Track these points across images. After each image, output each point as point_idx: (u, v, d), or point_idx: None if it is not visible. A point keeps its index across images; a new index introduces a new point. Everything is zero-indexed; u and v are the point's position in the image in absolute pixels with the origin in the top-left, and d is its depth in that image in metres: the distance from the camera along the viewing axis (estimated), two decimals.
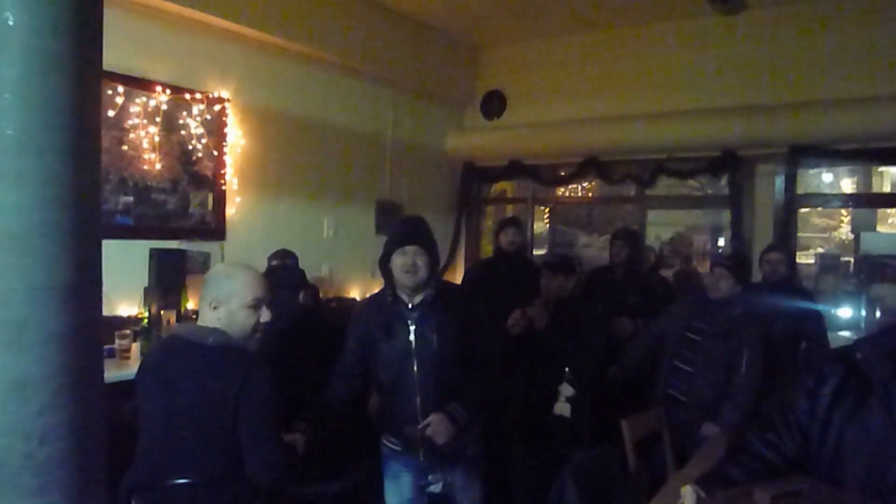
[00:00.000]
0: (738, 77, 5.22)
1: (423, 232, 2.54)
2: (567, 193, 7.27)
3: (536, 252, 7.03)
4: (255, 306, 2.08)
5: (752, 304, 3.66)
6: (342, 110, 5.30)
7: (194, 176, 4.25)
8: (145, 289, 3.91)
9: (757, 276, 4.37)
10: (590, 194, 7.92)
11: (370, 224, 5.59)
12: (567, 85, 6.05)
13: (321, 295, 4.67)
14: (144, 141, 3.95)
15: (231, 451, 1.97)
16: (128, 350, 3.00)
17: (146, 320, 3.31)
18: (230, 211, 4.45)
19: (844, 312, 7.36)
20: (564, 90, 6.06)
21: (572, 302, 3.81)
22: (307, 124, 5.01)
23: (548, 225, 7.72)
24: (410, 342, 2.50)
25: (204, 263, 4.32)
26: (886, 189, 11.28)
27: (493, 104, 6.45)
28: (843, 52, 4.86)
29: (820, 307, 4.40)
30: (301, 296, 2.79)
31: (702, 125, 5.20)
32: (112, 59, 3.83)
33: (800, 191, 5.19)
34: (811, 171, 5.80)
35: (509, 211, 7.22)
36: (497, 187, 7.14)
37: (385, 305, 2.54)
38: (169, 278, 3.90)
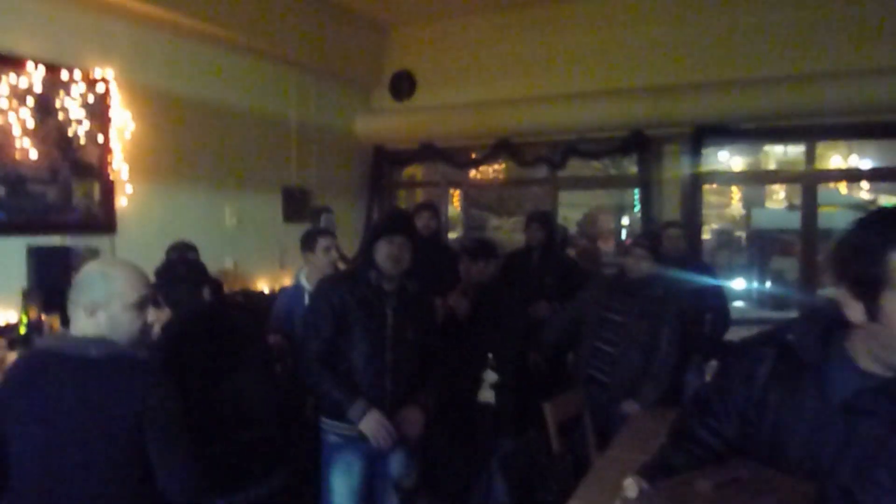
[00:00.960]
0: (645, 57, 5.28)
1: (411, 224, 2.77)
2: (479, 176, 7.20)
3: (451, 236, 6.95)
4: (141, 306, 1.82)
5: (670, 283, 3.70)
6: (242, 91, 4.98)
7: (77, 164, 3.85)
8: (24, 291, 3.52)
9: None
10: (500, 176, 7.89)
11: (277, 212, 5.31)
12: (478, 65, 5.96)
13: (226, 289, 4.39)
14: (15, 125, 3.52)
15: (133, 474, 1.74)
16: (1, 361, 2.65)
17: (23, 327, 2.95)
18: (120, 202, 4.07)
19: (738, 284, 7.70)
20: (476, 71, 5.96)
21: (492, 287, 3.73)
22: (204, 107, 4.66)
23: (460, 209, 7.65)
24: (387, 327, 2.60)
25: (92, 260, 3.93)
26: (772, 167, 12.02)
27: (403, 85, 6.27)
28: (747, 34, 5.01)
29: (720, 281, 4.58)
30: (205, 291, 2.55)
31: (611, 106, 5.25)
32: None
33: (703, 169, 5.33)
34: (709, 151, 6.00)
35: (420, 195, 7.09)
36: (407, 172, 6.98)
37: (362, 286, 2.61)
38: (51, 278, 3.52)
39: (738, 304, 7.35)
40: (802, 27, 4.85)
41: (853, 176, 6.74)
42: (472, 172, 6.89)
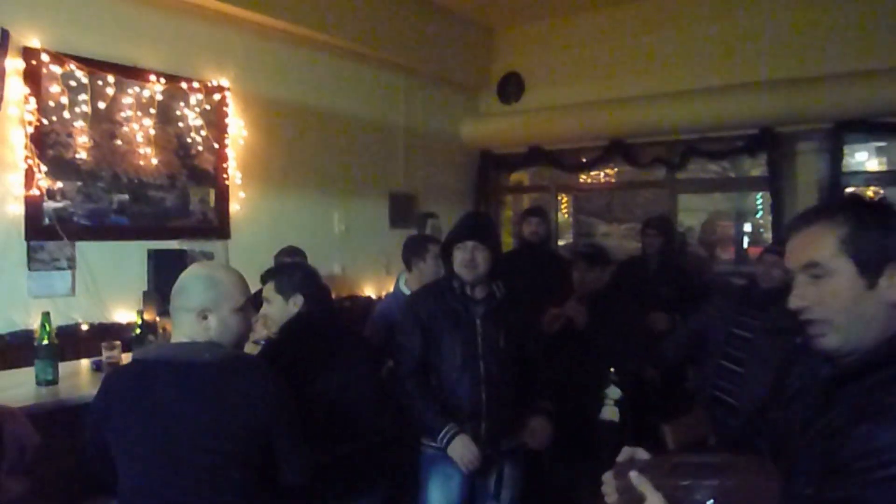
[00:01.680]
0: (774, 48, 4.83)
1: (484, 227, 2.64)
2: (589, 180, 6.91)
3: (560, 243, 6.70)
4: (246, 309, 1.84)
5: None
6: (350, 98, 5.00)
7: (194, 171, 3.97)
8: (144, 293, 3.65)
9: None
10: (612, 180, 7.55)
11: (384, 218, 5.29)
12: (588, 64, 5.70)
13: (334, 294, 4.39)
14: (139, 134, 3.67)
15: (250, 476, 1.73)
16: (117, 363, 2.73)
17: (138, 329, 3.04)
18: (234, 207, 4.17)
19: None
20: (585, 70, 5.71)
21: (608, 296, 3.48)
22: (313, 113, 4.72)
23: (567, 215, 7.38)
24: (477, 336, 2.53)
25: None
26: None
27: (510, 88, 6.12)
28: (889, 18, 4.46)
29: None
30: (295, 299, 2.52)
31: (737, 101, 4.83)
32: (101, 47, 3.58)
33: (844, 169, 4.80)
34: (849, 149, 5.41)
35: (528, 201, 6.89)
36: (514, 177, 6.80)
37: (447, 296, 2.56)
38: (169, 281, 3.62)
39: None
40: None
41: None
42: (583, 176, 6.61)
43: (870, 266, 1.09)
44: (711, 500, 1.13)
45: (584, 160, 5.86)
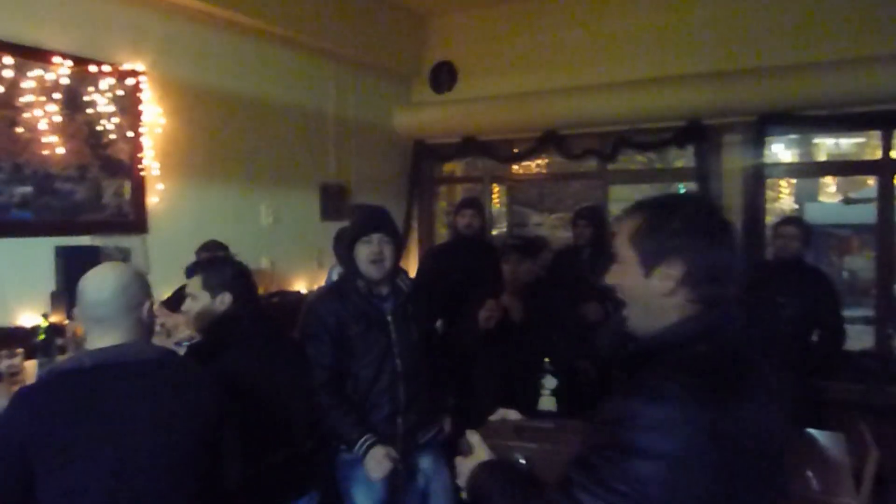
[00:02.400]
0: (704, 41, 4.92)
1: (387, 220, 2.54)
2: (521, 171, 6.91)
3: (493, 233, 6.67)
4: (152, 307, 1.76)
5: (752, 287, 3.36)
6: (278, 85, 4.79)
7: (107, 161, 3.70)
8: (52, 294, 3.38)
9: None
10: (543, 171, 7.58)
11: (314, 209, 5.11)
12: (521, 55, 5.67)
13: (261, 289, 4.21)
14: (42, 121, 3.38)
15: (201, 486, 1.69)
16: (18, 373, 2.48)
17: (43, 333, 2.79)
18: (151, 200, 3.92)
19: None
20: (519, 60, 5.68)
21: (541, 287, 3.45)
22: (238, 101, 4.49)
23: (500, 205, 7.37)
24: (390, 333, 2.48)
25: (124, 261, 3.78)
26: (823, 158, 11.37)
27: (443, 77, 6.03)
28: (815, 13, 4.62)
29: (835, 290, 3.80)
30: (223, 297, 2.36)
31: (667, 93, 4.90)
32: None
33: (766, 160, 4.95)
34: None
35: (460, 192, 6.82)
36: (448, 167, 6.73)
37: (354, 296, 2.46)
38: (78, 280, 3.37)
39: None
40: (877, 4, 4.44)
41: None
42: (516, 167, 6.59)
43: (648, 259, 1.20)
44: (523, 459, 1.46)
45: (518, 151, 5.84)
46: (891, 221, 4.66)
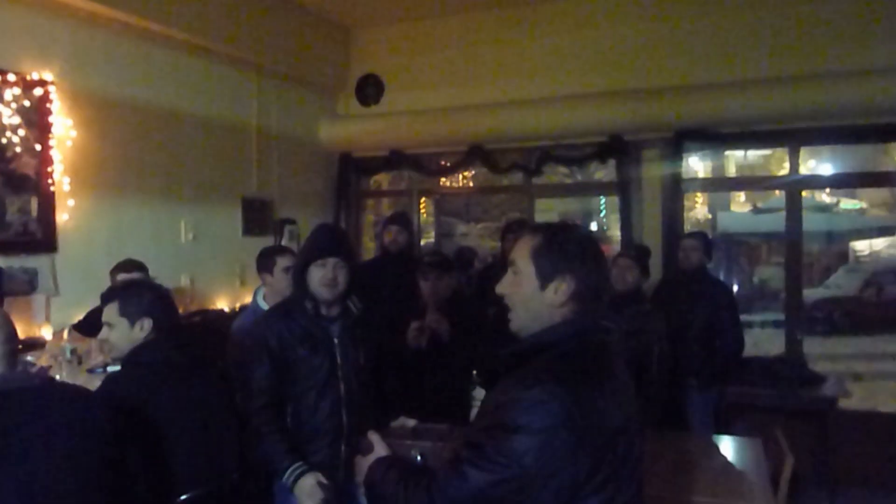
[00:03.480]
0: (624, 60, 5.10)
1: (343, 242, 2.52)
2: (450, 184, 6.94)
3: (424, 241, 6.68)
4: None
5: (654, 298, 3.50)
6: (197, 96, 4.62)
7: (10, 176, 3.47)
8: None
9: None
10: (470, 183, 7.65)
11: (236, 225, 4.96)
12: (449, 69, 5.70)
13: (182, 308, 4.03)
14: None
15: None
16: None
17: None
18: (61, 217, 3.69)
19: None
20: (446, 74, 5.70)
21: (466, 300, 3.46)
22: (155, 113, 4.30)
23: (427, 215, 7.38)
24: (336, 356, 2.41)
25: (30, 283, 3.56)
26: (732, 172, 11.96)
27: (370, 90, 5.98)
28: (729, 34, 4.85)
29: (733, 298, 4.18)
30: (143, 323, 2.24)
31: (589, 110, 5.04)
32: None
33: (683, 175, 5.15)
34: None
35: (388, 206, 6.80)
36: (375, 181, 6.68)
37: (301, 317, 2.40)
38: None
39: None
40: (785, 28, 4.72)
41: (840, 181, 6.63)
42: (443, 180, 6.62)
43: (544, 273, 1.39)
44: (420, 456, 1.61)
45: (445, 164, 5.86)
46: (798, 232, 4.94)
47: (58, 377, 2.78)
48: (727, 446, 3.28)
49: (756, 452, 3.02)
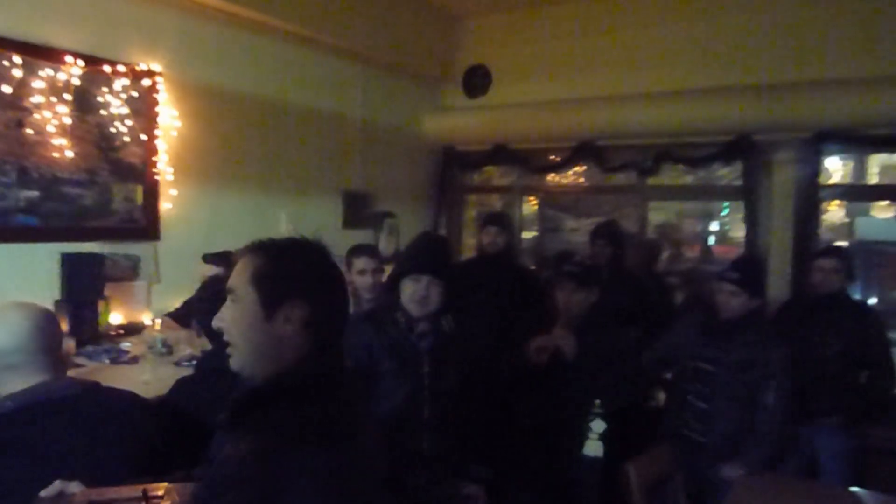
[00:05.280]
0: (755, 51, 4.58)
1: (440, 258, 2.33)
2: (558, 181, 6.62)
3: (525, 235, 6.40)
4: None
5: (776, 323, 3.06)
6: (300, 87, 4.60)
7: (118, 165, 3.56)
8: (55, 302, 3.24)
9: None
10: (581, 180, 7.27)
11: (336, 218, 4.93)
12: (559, 60, 5.39)
13: None
14: (51, 123, 3.24)
15: None
16: None
17: None
18: (164, 206, 3.76)
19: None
20: (556, 66, 5.40)
21: (595, 319, 3.11)
22: (258, 103, 4.31)
23: (537, 210, 7.08)
24: (424, 377, 2.22)
25: (134, 269, 3.65)
26: (874, 175, 10.68)
27: (476, 81, 5.78)
28: (875, 25, 4.24)
29: (882, 325, 3.49)
30: None
31: (713, 106, 4.57)
32: (5, 22, 3.08)
33: (823, 181, 4.58)
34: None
35: (494, 201, 6.57)
36: (479, 175, 6.48)
37: (390, 326, 2.26)
38: (83, 289, 3.24)
39: None
40: None
41: None
42: (550, 177, 6.31)
43: (270, 300, 1.16)
44: None
45: (552, 160, 5.57)
46: None
47: (147, 367, 2.80)
48: (866, 502, 2.84)
49: None
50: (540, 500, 3.08)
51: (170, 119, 3.74)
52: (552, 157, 5.58)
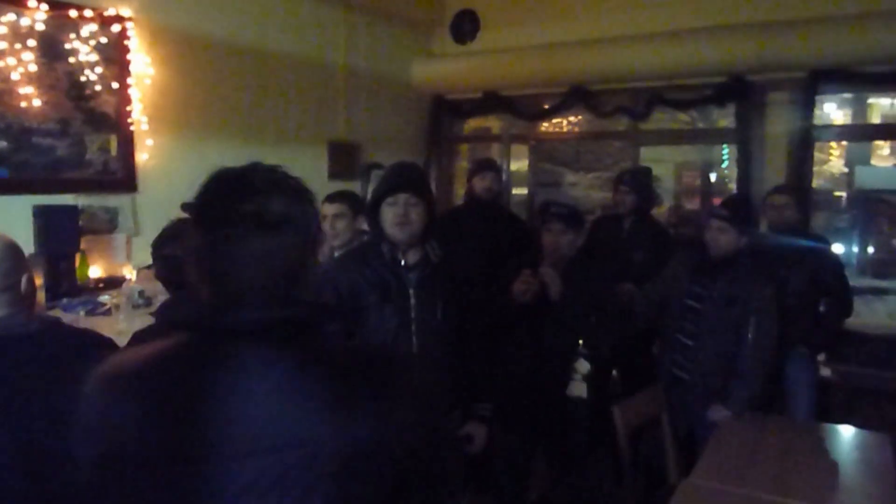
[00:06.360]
0: None
1: (416, 177, 2.25)
2: (550, 129, 6.49)
3: (516, 191, 6.31)
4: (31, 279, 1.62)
5: (761, 260, 3.02)
6: (283, 34, 4.46)
7: (91, 115, 3.46)
8: (30, 256, 3.18)
9: None
10: (576, 129, 7.12)
11: (322, 169, 4.83)
12: (550, 3, 5.22)
13: None
14: (16, 71, 3.13)
15: None
16: None
17: None
18: (141, 157, 3.68)
19: (836, 249, 6.83)
20: (548, 9, 5.24)
21: (580, 262, 3.08)
22: (238, 50, 4.18)
23: (528, 163, 6.97)
24: (410, 309, 2.15)
25: (111, 221, 3.59)
26: (876, 121, 10.49)
27: (465, 26, 5.62)
28: None
29: (835, 253, 3.74)
30: None
31: (706, 46, 4.43)
32: None
33: (818, 122, 4.47)
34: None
35: (490, 150, 6.45)
36: (471, 124, 6.34)
37: (373, 263, 2.17)
38: (57, 242, 3.18)
39: None
40: None
41: None
42: (543, 125, 6.18)
43: None
44: None
45: (544, 107, 5.44)
46: None
47: (121, 318, 2.76)
48: (842, 439, 2.84)
49: (882, 452, 2.57)
50: (527, 441, 3.08)
51: (143, 66, 3.62)
52: (544, 103, 5.45)
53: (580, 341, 3.12)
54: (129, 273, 3.54)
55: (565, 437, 3.06)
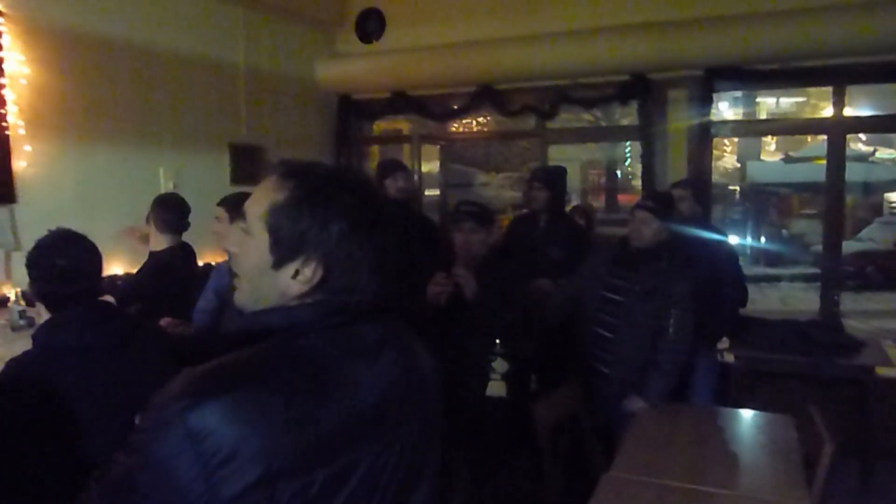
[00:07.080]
0: None
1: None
2: (460, 129, 6.49)
3: (428, 193, 6.28)
4: None
5: (681, 253, 3.09)
6: (176, 31, 4.21)
7: None
8: None
9: None
10: (485, 129, 7.16)
11: (224, 173, 4.60)
12: (456, 2, 5.20)
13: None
14: None
15: None
16: None
17: None
18: (19, 164, 3.36)
19: (732, 240, 7.23)
20: (453, 8, 5.22)
21: (493, 260, 3.04)
22: (124, 49, 3.89)
23: (439, 164, 6.95)
24: None
25: None
26: (763, 117, 11.16)
27: (371, 25, 5.51)
28: None
29: (730, 244, 4.01)
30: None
31: (609, 46, 4.53)
32: None
33: (713, 117, 4.67)
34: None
35: (400, 152, 6.38)
36: (381, 125, 6.25)
37: None
38: None
39: None
40: None
41: (888, 125, 6.02)
42: (453, 125, 6.17)
43: (282, 249, 0.95)
44: None
45: (452, 107, 5.42)
46: (841, 180, 4.47)
47: None
48: (749, 423, 2.94)
49: (786, 433, 2.68)
50: (444, 441, 3.01)
51: (17, 65, 3.32)
52: (453, 103, 5.43)
53: (497, 341, 3.09)
54: (10, 292, 3.24)
55: (486, 439, 3.02)
